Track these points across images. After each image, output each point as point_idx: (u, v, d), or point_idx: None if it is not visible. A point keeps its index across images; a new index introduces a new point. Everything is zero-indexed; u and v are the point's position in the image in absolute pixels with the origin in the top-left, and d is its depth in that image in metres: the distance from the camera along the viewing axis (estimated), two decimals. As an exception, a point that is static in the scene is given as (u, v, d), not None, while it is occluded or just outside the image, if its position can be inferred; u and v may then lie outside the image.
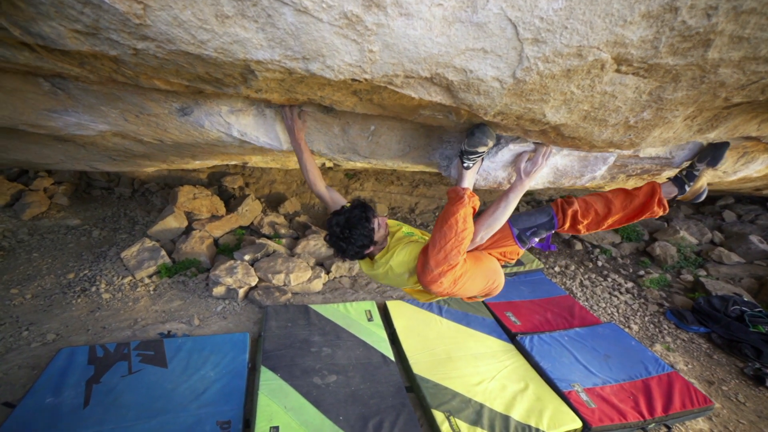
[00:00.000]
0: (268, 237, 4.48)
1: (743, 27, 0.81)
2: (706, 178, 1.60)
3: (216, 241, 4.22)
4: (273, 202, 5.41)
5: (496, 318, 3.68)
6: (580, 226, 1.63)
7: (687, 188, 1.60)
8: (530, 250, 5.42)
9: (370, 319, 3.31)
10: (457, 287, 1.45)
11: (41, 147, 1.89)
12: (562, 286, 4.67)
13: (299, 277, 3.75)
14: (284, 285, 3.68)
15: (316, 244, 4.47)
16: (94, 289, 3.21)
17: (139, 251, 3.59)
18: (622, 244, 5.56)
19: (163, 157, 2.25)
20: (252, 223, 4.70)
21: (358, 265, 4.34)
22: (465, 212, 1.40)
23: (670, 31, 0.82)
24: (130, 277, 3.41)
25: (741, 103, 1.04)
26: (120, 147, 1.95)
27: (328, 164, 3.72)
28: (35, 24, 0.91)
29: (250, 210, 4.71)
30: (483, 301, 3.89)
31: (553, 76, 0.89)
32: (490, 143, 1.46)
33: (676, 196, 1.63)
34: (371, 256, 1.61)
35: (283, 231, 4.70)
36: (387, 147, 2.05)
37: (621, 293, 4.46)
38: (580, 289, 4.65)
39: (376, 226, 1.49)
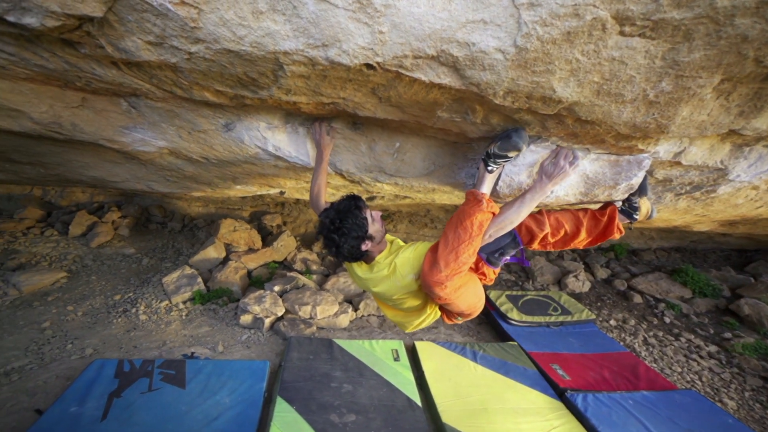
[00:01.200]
0: (300, 272, 4.56)
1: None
2: (647, 203, 1.75)
3: (250, 273, 4.36)
4: (308, 241, 5.59)
5: (540, 369, 3.25)
6: (549, 245, 1.71)
7: (636, 216, 1.73)
8: (579, 299, 4.92)
9: (396, 359, 3.08)
10: (455, 296, 1.40)
11: (113, 165, 2.20)
12: (621, 342, 4.08)
13: (326, 310, 3.68)
14: (310, 318, 3.61)
15: (345, 281, 4.45)
16: (134, 310, 3.39)
17: (179, 278, 3.80)
18: (694, 300, 4.86)
19: (208, 179, 2.49)
20: (285, 258, 4.84)
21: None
22: (482, 218, 1.37)
23: (667, -23, 0.76)
24: (166, 302, 3.57)
25: (781, 70, 0.95)
26: (173, 166, 2.21)
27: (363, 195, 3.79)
28: (122, 40, 1.14)
29: (285, 246, 4.89)
30: (524, 350, 3.49)
31: (554, 41, 0.89)
32: (523, 148, 1.42)
33: (631, 223, 1.75)
34: (369, 259, 1.50)
35: (314, 267, 4.78)
36: (412, 165, 2.11)
37: (702, 357, 3.75)
38: (644, 348, 4.03)
39: (368, 216, 1.41)
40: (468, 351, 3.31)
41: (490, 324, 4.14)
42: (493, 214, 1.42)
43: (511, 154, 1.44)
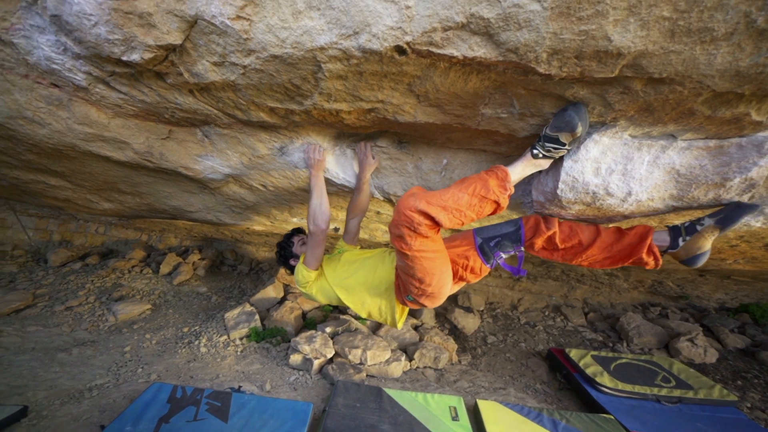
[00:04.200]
0: (354, 317, 4.42)
1: None
2: (710, 240, 1.31)
3: (304, 315, 4.36)
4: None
5: (654, 456, 2.45)
6: (557, 253, 1.48)
7: (681, 242, 1.34)
8: (702, 371, 3.78)
9: (455, 418, 2.61)
10: (419, 255, 1.33)
11: (189, 195, 2.51)
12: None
13: (377, 356, 3.41)
14: (360, 363, 3.36)
15: (401, 329, 4.16)
16: (196, 342, 3.55)
17: (239, 314, 3.95)
18: None
19: (267, 210, 2.66)
20: (340, 302, 4.78)
21: (445, 356, 3.74)
22: (493, 185, 1.27)
23: None
24: (225, 336, 3.69)
25: None
26: (236, 196, 2.44)
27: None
28: (195, 65, 1.35)
29: (340, 289, 4.86)
30: (626, 428, 2.70)
31: (601, -31, 0.75)
32: (579, 131, 1.18)
33: (667, 249, 1.37)
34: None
35: (367, 312, 4.60)
36: (460, 183, 1.99)
37: None
38: None
39: (295, 241, 1.94)
40: (546, 419, 2.67)
41: (574, 389, 3.37)
42: (499, 206, 1.30)
43: (563, 138, 1.22)
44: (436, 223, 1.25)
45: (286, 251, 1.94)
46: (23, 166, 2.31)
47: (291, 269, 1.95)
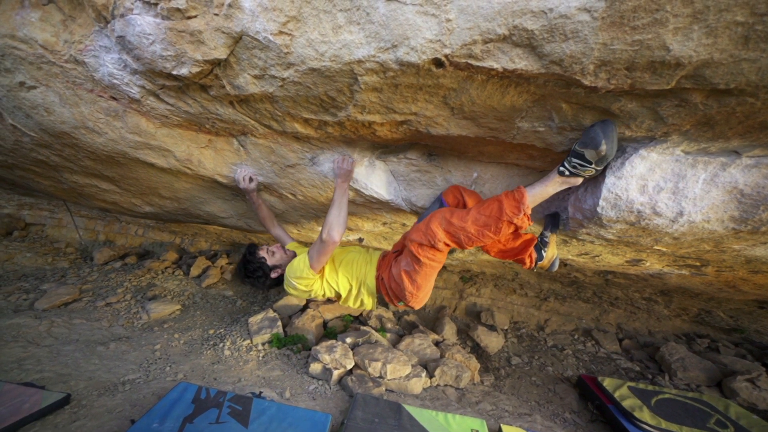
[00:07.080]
0: (374, 329, 4.39)
1: None
2: (555, 245, 1.76)
3: (325, 323, 4.36)
4: (384, 301, 5.47)
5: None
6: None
7: (543, 253, 1.72)
8: (726, 393, 3.41)
9: (477, 443, 2.49)
10: (428, 261, 1.58)
11: (223, 201, 2.62)
12: None
13: (397, 370, 3.34)
14: (380, 376, 3.30)
15: (421, 343, 4.09)
16: (221, 345, 3.64)
17: (262, 319, 4.01)
18: None
19: (295, 218, 2.72)
20: (361, 313, 4.77)
21: (467, 375, 3.59)
22: (511, 223, 1.36)
23: None
24: (248, 341, 3.75)
25: None
26: (267, 204, 2.50)
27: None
28: (236, 78, 1.42)
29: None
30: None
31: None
32: (603, 148, 1.13)
33: (537, 262, 1.75)
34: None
35: (389, 326, 4.57)
36: (491, 197, 1.94)
37: None
38: None
39: (265, 254, 1.91)
40: (579, 452, 2.48)
41: (608, 422, 3.12)
42: (517, 227, 1.39)
43: (588, 155, 1.17)
44: (456, 242, 1.45)
45: (264, 267, 1.90)
46: (81, 171, 2.51)
47: (272, 282, 1.97)
